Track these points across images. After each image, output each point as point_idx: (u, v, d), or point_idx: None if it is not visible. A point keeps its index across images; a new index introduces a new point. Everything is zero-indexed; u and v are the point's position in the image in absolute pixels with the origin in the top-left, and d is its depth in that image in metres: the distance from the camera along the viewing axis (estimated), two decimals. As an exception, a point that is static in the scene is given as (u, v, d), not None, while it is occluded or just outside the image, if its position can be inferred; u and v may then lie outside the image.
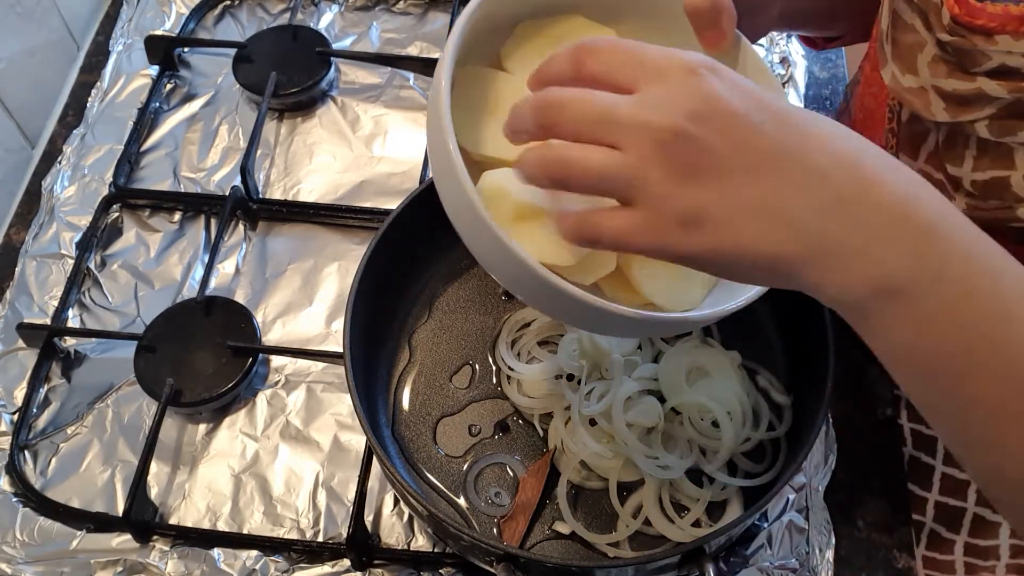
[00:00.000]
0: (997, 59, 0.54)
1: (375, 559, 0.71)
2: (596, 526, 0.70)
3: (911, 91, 0.60)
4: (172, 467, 0.76)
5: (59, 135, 0.96)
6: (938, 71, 0.58)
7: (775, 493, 0.65)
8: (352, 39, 1.02)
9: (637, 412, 0.70)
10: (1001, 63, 0.54)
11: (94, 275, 0.86)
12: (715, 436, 0.71)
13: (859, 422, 0.79)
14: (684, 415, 0.71)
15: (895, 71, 0.62)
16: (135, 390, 0.78)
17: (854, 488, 0.76)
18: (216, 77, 0.99)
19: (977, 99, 0.56)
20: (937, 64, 0.58)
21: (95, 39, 1.04)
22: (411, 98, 0.98)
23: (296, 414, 0.78)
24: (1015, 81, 0.54)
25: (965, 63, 0.56)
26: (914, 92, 0.60)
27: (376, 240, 0.71)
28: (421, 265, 0.79)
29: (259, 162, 0.93)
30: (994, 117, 0.56)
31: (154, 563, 0.71)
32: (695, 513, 0.69)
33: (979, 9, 0.53)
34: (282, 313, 0.84)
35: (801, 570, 0.70)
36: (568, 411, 0.72)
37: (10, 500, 0.74)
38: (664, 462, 0.69)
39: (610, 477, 0.70)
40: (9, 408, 0.78)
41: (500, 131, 0.51)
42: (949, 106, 0.58)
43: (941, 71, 0.57)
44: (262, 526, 0.73)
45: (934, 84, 0.58)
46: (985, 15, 0.53)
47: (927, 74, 0.59)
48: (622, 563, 0.66)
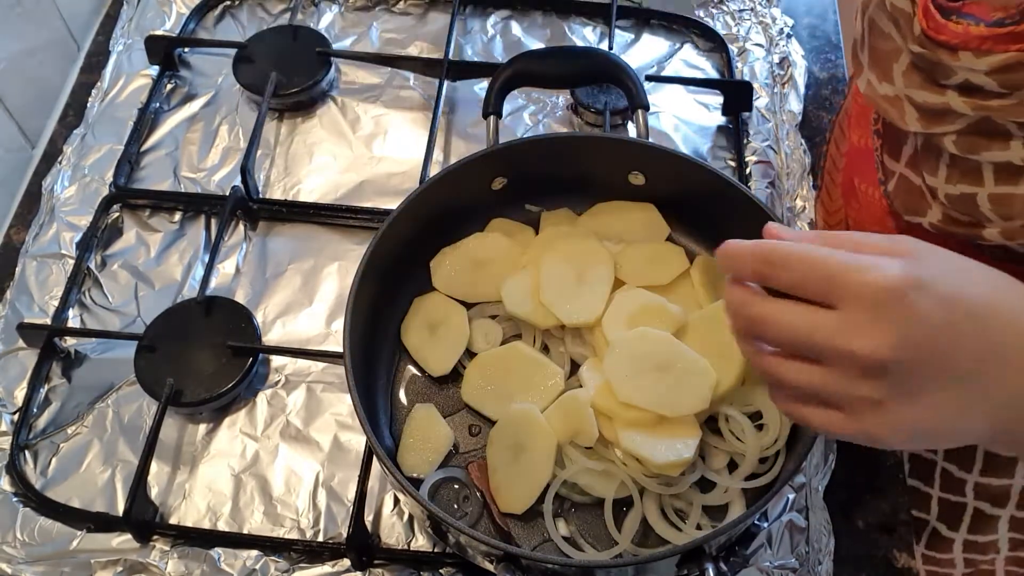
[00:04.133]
0: (962, 75, 0.54)
1: (375, 559, 0.71)
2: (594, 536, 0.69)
3: (887, 99, 0.61)
4: (172, 467, 0.76)
5: (59, 135, 0.96)
6: (912, 81, 0.58)
7: (775, 493, 0.65)
8: (352, 39, 1.02)
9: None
10: (965, 79, 0.54)
11: (94, 275, 0.86)
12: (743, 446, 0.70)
13: (859, 422, 0.79)
14: (725, 425, 0.71)
15: (871, 79, 0.62)
16: (135, 390, 0.78)
17: (854, 488, 0.76)
18: (216, 77, 0.99)
19: (946, 113, 0.57)
20: (911, 74, 0.58)
21: (95, 39, 1.04)
22: (411, 98, 0.98)
23: (296, 414, 0.78)
24: (978, 99, 0.54)
25: (936, 75, 0.56)
26: (889, 100, 0.61)
27: (376, 240, 0.71)
28: (421, 265, 0.79)
29: (259, 162, 0.93)
30: (961, 133, 0.57)
31: (154, 563, 0.71)
32: (696, 516, 0.69)
33: (943, 26, 0.54)
34: (282, 313, 0.84)
35: (801, 570, 0.70)
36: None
37: (10, 500, 0.74)
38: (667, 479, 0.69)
39: (606, 497, 0.69)
40: (9, 408, 0.78)
41: (438, 345, 0.75)
42: (922, 117, 0.59)
43: (915, 81, 0.58)
44: (262, 526, 0.73)
45: (907, 94, 0.59)
46: (948, 32, 0.54)
47: (902, 83, 0.59)
48: (622, 563, 0.66)
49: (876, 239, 0.49)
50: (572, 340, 0.75)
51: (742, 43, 1.01)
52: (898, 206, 0.68)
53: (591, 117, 0.95)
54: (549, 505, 0.68)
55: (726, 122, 0.96)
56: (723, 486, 0.69)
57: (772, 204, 0.88)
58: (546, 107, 0.97)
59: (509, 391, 0.73)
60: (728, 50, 1.00)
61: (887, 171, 0.69)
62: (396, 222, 0.73)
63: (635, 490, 0.69)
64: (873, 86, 0.62)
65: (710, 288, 0.76)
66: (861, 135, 0.76)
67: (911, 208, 0.66)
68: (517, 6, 1.05)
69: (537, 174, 0.80)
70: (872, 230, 0.72)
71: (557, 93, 0.98)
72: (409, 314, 0.78)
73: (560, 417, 0.70)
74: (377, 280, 0.73)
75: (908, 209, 0.66)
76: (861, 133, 0.76)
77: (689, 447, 0.67)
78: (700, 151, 0.94)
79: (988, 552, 0.80)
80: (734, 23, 1.03)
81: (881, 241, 0.48)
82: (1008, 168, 0.56)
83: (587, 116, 0.95)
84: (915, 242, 0.48)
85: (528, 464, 0.69)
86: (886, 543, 0.74)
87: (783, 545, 0.71)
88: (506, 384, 0.73)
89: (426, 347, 0.76)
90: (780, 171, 0.91)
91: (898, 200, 0.68)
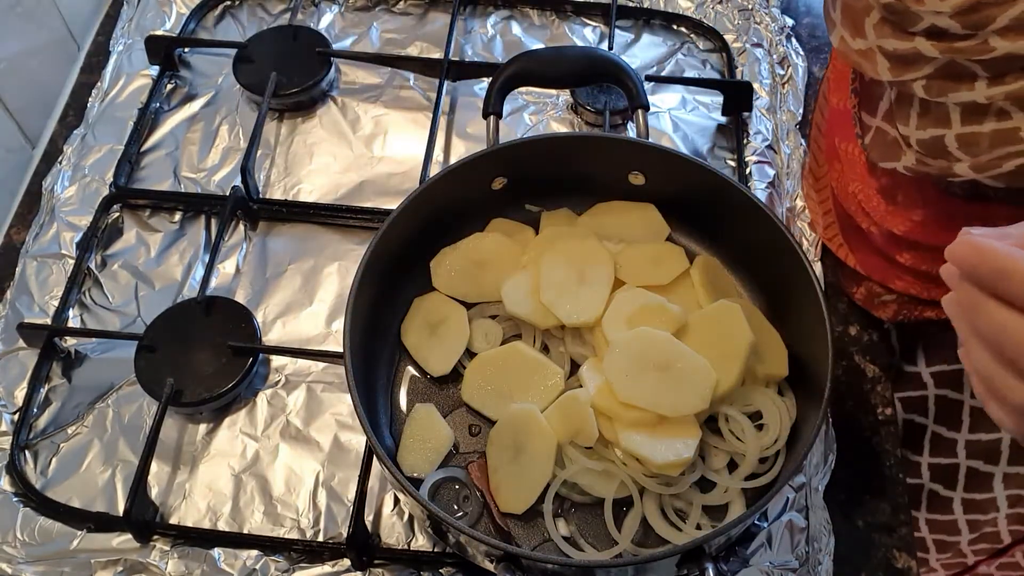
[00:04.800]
0: (928, 19, 0.58)
1: (375, 559, 0.71)
2: (594, 535, 0.69)
3: (859, 53, 0.65)
4: (172, 467, 0.76)
5: (59, 135, 0.96)
6: (883, 32, 0.62)
7: (775, 493, 0.65)
8: (352, 39, 1.02)
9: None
10: (931, 24, 0.58)
11: (94, 275, 0.86)
12: (743, 446, 0.70)
13: (859, 422, 0.79)
14: (725, 424, 0.71)
15: (844, 35, 0.66)
16: (135, 390, 0.78)
17: (854, 488, 0.76)
18: (216, 77, 0.99)
19: (915, 59, 0.60)
20: (882, 26, 0.62)
21: (95, 39, 1.04)
22: (411, 98, 0.98)
23: (296, 414, 0.78)
24: (946, 42, 0.58)
25: (904, 23, 0.60)
26: (862, 54, 0.65)
27: (376, 240, 0.72)
28: (421, 265, 0.79)
29: (259, 162, 0.93)
30: (931, 77, 0.60)
31: (154, 563, 0.71)
32: (696, 516, 0.69)
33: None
34: (282, 313, 0.84)
35: (801, 570, 0.70)
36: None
37: (10, 500, 0.74)
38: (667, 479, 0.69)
39: (606, 497, 0.69)
40: (10, 408, 0.78)
41: (438, 345, 0.75)
42: (893, 66, 0.62)
43: (885, 32, 0.62)
44: (262, 526, 0.73)
45: (879, 44, 0.63)
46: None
47: (873, 36, 0.63)
48: (622, 563, 0.66)
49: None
50: (572, 340, 0.75)
51: (742, 43, 1.01)
52: (874, 156, 0.72)
53: (591, 117, 0.95)
54: (549, 505, 0.69)
55: (726, 122, 0.96)
56: (723, 486, 0.70)
57: (772, 204, 0.88)
58: (546, 107, 0.97)
59: (509, 391, 0.73)
60: (728, 50, 1.01)
61: (864, 126, 0.74)
62: (396, 222, 0.73)
63: (635, 490, 0.69)
64: (847, 42, 0.66)
65: (710, 288, 0.76)
66: (840, 97, 0.80)
67: (886, 156, 0.70)
68: (517, 6, 1.05)
69: (537, 174, 0.80)
70: (855, 188, 0.77)
71: (557, 93, 0.98)
72: (409, 314, 0.78)
73: (560, 417, 0.70)
74: (377, 280, 0.73)
75: (884, 157, 0.70)
76: (840, 96, 0.80)
77: (689, 447, 0.67)
78: (700, 151, 0.94)
79: (988, 511, 0.81)
80: (734, 23, 1.03)
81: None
82: (973, 108, 0.60)
83: (587, 116, 0.95)
84: None
85: (528, 464, 0.69)
86: (886, 543, 0.74)
87: (783, 545, 0.71)
88: (506, 384, 0.73)
89: (426, 347, 0.76)
90: (780, 171, 0.91)
91: (875, 151, 0.72)
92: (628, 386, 0.68)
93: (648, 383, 0.68)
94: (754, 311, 0.76)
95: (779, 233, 0.72)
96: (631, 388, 0.68)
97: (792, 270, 0.71)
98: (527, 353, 0.74)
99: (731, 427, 0.70)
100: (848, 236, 0.82)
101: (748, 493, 0.70)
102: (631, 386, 0.68)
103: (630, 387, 0.68)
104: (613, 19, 1.02)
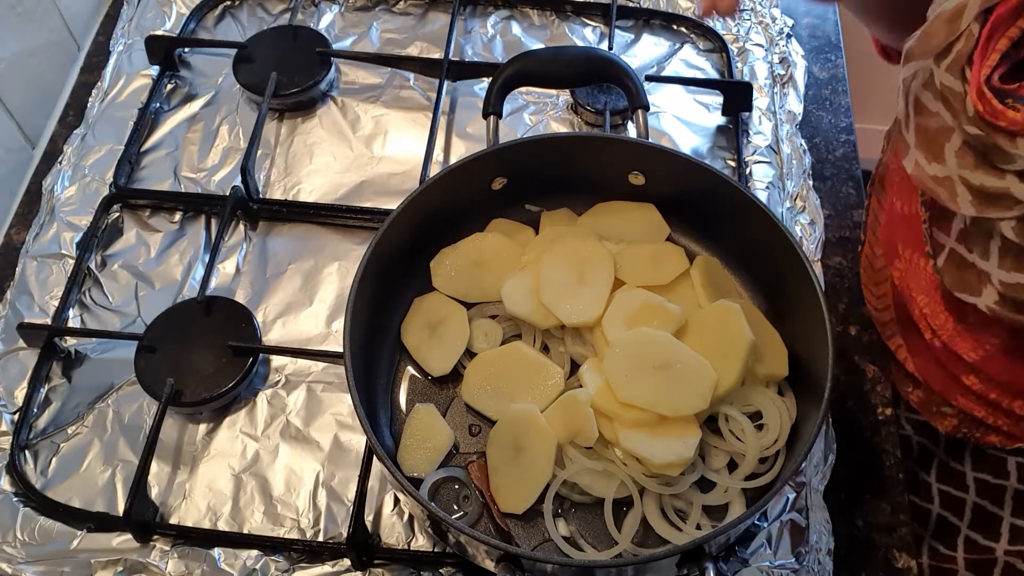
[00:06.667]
0: (1022, 162, 0.51)
1: (375, 559, 0.71)
2: (594, 535, 0.69)
3: (936, 180, 0.57)
4: (172, 467, 0.76)
5: (59, 135, 0.96)
6: (965, 161, 0.54)
7: (775, 493, 0.65)
8: (352, 39, 1.02)
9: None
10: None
11: (94, 275, 0.86)
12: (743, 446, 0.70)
13: (859, 422, 0.79)
14: (725, 424, 0.71)
15: (919, 159, 0.58)
16: (135, 390, 0.78)
17: (854, 488, 0.76)
18: (216, 77, 0.99)
19: (1004, 197, 0.53)
20: (965, 154, 0.54)
21: (95, 39, 1.04)
22: (411, 98, 0.98)
23: (296, 414, 0.78)
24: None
25: (993, 158, 0.53)
26: (939, 181, 0.57)
27: (376, 240, 0.72)
28: (421, 265, 0.79)
29: (259, 162, 0.93)
30: (1021, 219, 0.53)
31: (154, 563, 0.71)
32: (696, 516, 0.69)
33: (1000, 111, 0.51)
34: (282, 313, 0.84)
35: (801, 570, 0.70)
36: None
37: (11, 500, 0.74)
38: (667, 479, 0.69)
39: (606, 497, 0.69)
40: (10, 408, 0.78)
41: (438, 345, 0.75)
42: (976, 199, 0.55)
43: (968, 162, 0.54)
44: (262, 526, 0.73)
45: (961, 175, 0.55)
46: (1006, 118, 0.51)
47: (954, 163, 0.55)
48: (622, 563, 0.66)
49: None
50: (572, 340, 0.75)
51: (742, 43, 1.01)
52: (949, 284, 0.63)
53: (591, 117, 0.95)
54: (549, 505, 0.69)
55: (726, 122, 0.96)
56: (723, 486, 0.69)
57: (772, 204, 0.88)
58: (546, 107, 0.97)
59: (509, 391, 0.73)
60: (728, 50, 1.01)
61: (936, 244, 0.65)
62: (396, 222, 0.73)
63: (635, 490, 0.69)
64: (921, 167, 0.58)
65: (710, 288, 0.76)
66: (904, 202, 0.72)
67: (964, 287, 0.62)
68: (517, 6, 1.05)
69: (537, 174, 0.80)
70: (920, 299, 0.69)
71: (557, 93, 0.98)
72: (409, 314, 0.78)
73: (560, 417, 0.70)
74: (377, 280, 0.73)
75: (961, 287, 0.62)
76: (904, 200, 0.72)
77: (689, 447, 0.67)
78: (700, 151, 0.94)
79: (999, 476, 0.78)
80: (734, 23, 1.03)
81: None
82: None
83: (587, 116, 0.95)
84: None
85: (528, 464, 0.69)
86: (886, 543, 0.74)
87: (783, 545, 0.71)
88: (506, 384, 0.73)
89: (426, 347, 0.76)
90: (780, 171, 0.91)
91: (950, 277, 0.63)
92: (628, 386, 0.68)
93: (648, 383, 0.68)
94: (754, 311, 0.76)
95: (779, 233, 0.72)
96: (631, 388, 0.68)
97: (792, 270, 0.71)
98: (527, 353, 0.74)
99: (731, 427, 0.70)
100: (908, 338, 0.76)
101: (748, 493, 0.70)
102: (631, 386, 0.68)
103: (630, 387, 0.68)
104: (613, 19, 1.02)
